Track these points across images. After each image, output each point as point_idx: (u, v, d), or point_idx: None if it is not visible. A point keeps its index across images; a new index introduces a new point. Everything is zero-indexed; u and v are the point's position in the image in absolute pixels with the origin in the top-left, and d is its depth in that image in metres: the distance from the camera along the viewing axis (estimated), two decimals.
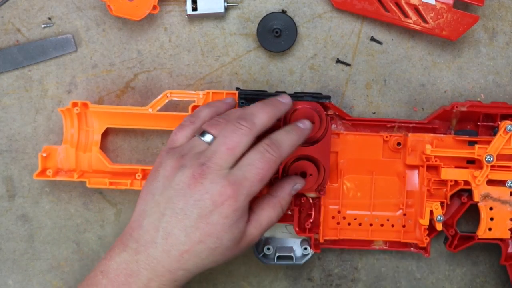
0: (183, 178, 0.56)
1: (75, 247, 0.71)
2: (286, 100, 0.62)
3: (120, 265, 0.56)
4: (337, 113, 0.66)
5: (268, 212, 0.60)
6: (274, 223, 0.61)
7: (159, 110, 0.66)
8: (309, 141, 0.64)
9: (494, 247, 0.69)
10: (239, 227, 0.57)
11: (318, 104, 0.64)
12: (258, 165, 0.57)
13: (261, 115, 0.59)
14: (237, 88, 0.66)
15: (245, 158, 0.57)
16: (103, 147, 0.69)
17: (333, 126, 0.67)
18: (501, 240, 0.67)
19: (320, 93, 0.67)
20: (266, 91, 0.66)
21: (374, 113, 0.70)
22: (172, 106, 0.69)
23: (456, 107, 0.65)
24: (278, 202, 0.61)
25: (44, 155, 0.66)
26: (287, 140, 0.59)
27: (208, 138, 0.58)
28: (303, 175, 0.64)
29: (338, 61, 0.70)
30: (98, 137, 0.68)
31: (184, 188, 0.56)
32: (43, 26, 0.70)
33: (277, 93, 0.64)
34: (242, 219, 0.57)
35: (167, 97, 0.66)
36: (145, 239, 0.56)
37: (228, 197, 0.55)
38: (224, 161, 0.56)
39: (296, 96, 0.64)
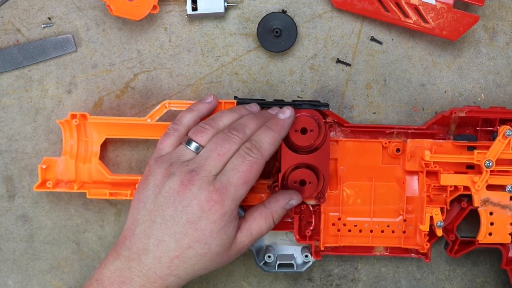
0: (172, 185, 0.57)
1: (75, 247, 0.71)
2: (276, 111, 0.63)
3: (114, 273, 0.57)
4: (335, 120, 0.66)
5: (259, 222, 0.61)
6: (265, 234, 0.62)
7: (157, 121, 0.66)
8: (308, 149, 0.64)
9: (494, 247, 0.69)
10: (227, 232, 0.58)
11: (316, 112, 0.64)
12: (241, 169, 0.58)
13: (252, 126, 0.60)
14: (235, 97, 0.66)
15: (228, 163, 0.58)
16: (102, 157, 0.69)
17: (332, 133, 0.67)
18: (502, 244, 0.67)
19: (319, 101, 0.67)
20: (264, 99, 0.66)
21: (374, 113, 0.70)
22: (171, 115, 0.68)
23: (455, 112, 0.65)
24: (271, 214, 0.62)
25: (44, 166, 0.66)
26: (267, 139, 0.60)
27: (193, 146, 0.60)
28: (303, 183, 0.64)
29: (338, 61, 0.70)
30: (97, 148, 0.68)
31: (174, 195, 0.57)
32: (43, 26, 0.70)
33: (276, 101, 0.65)
34: (230, 224, 0.58)
35: (166, 107, 0.66)
36: (137, 246, 0.57)
37: (215, 202, 0.56)
38: (213, 167, 0.58)
39: (295, 105, 0.64)
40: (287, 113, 0.62)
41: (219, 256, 0.58)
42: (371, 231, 0.67)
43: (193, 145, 0.60)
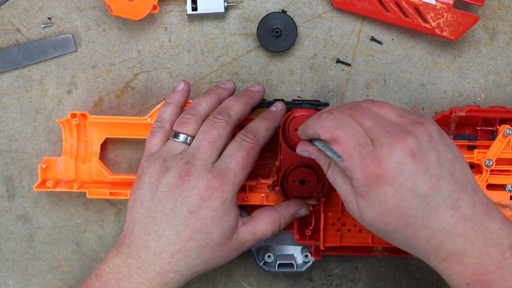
0: (170, 179, 0.57)
1: (75, 247, 0.71)
2: (257, 88, 0.65)
3: (112, 269, 0.57)
4: None
5: (266, 223, 0.61)
6: (268, 237, 0.62)
7: None
8: None
9: None
10: (228, 221, 0.58)
11: (316, 111, 0.64)
12: (238, 154, 0.59)
13: (235, 106, 0.61)
14: None
15: (225, 150, 0.59)
16: (102, 157, 0.69)
17: None
18: None
19: (318, 100, 0.67)
20: (264, 99, 0.66)
21: None
22: None
23: (455, 112, 0.65)
24: (279, 218, 0.62)
25: (44, 166, 0.66)
26: (261, 126, 0.61)
27: (182, 138, 0.60)
28: (302, 182, 0.64)
29: (338, 61, 0.70)
30: (97, 148, 0.68)
31: (173, 189, 0.57)
32: (43, 26, 0.70)
33: (275, 100, 0.65)
34: (231, 212, 0.58)
35: None
36: (136, 244, 0.57)
37: (215, 189, 0.57)
38: (207, 155, 0.58)
39: (294, 104, 0.64)
40: (279, 106, 0.64)
41: (220, 247, 0.58)
42: None
43: (181, 137, 0.60)
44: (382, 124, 0.50)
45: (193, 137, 0.60)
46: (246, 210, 0.66)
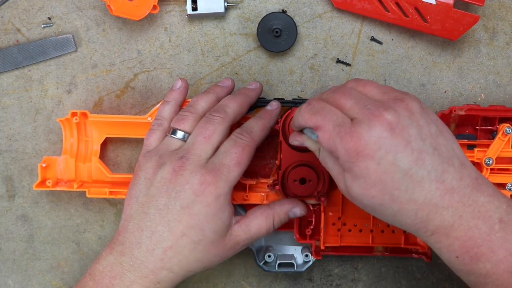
0: (164, 174, 0.58)
1: (75, 247, 0.71)
2: (254, 86, 0.65)
3: (106, 268, 0.57)
4: None
5: (260, 220, 0.61)
6: (263, 235, 0.62)
7: None
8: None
9: None
10: (222, 218, 0.58)
11: None
12: (233, 151, 0.59)
13: (232, 104, 0.62)
14: None
15: (220, 147, 0.60)
16: (102, 157, 0.69)
17: None
18: None
19: None
20: (264, 98, 0.66)
21: None
22: None
23: (454, 110, 0.65)
24: (272, 215, 0.62)
25: (44, 165, 0.66)
26: (256, 124, 0.62)
27: (180, 134, 0.61)
28: (303, 181, 0.64)
29: (338, 61, 0.70)
30: (97, 147, 0.68)
31: (166, 184, 0.57)
32: (43, 26, 0.70)
33: (275, 99, 0.65)
34: (225, 209, 0.58)
35: None
36: (130, 241, 0.57)
37: (208, 184, 0.57)
38: (202, 150, 0.58)
39: (294, 103, 0.65)
40: (274, 105, 0.65)
41: (214, 245, 0.58)
42: (372, 230, 0.67)
43: (179, 134, 0.61)
44: (362, 102, 0.51)
45: (190, 134, 0.60)
46: (245, 209, 0.66)
